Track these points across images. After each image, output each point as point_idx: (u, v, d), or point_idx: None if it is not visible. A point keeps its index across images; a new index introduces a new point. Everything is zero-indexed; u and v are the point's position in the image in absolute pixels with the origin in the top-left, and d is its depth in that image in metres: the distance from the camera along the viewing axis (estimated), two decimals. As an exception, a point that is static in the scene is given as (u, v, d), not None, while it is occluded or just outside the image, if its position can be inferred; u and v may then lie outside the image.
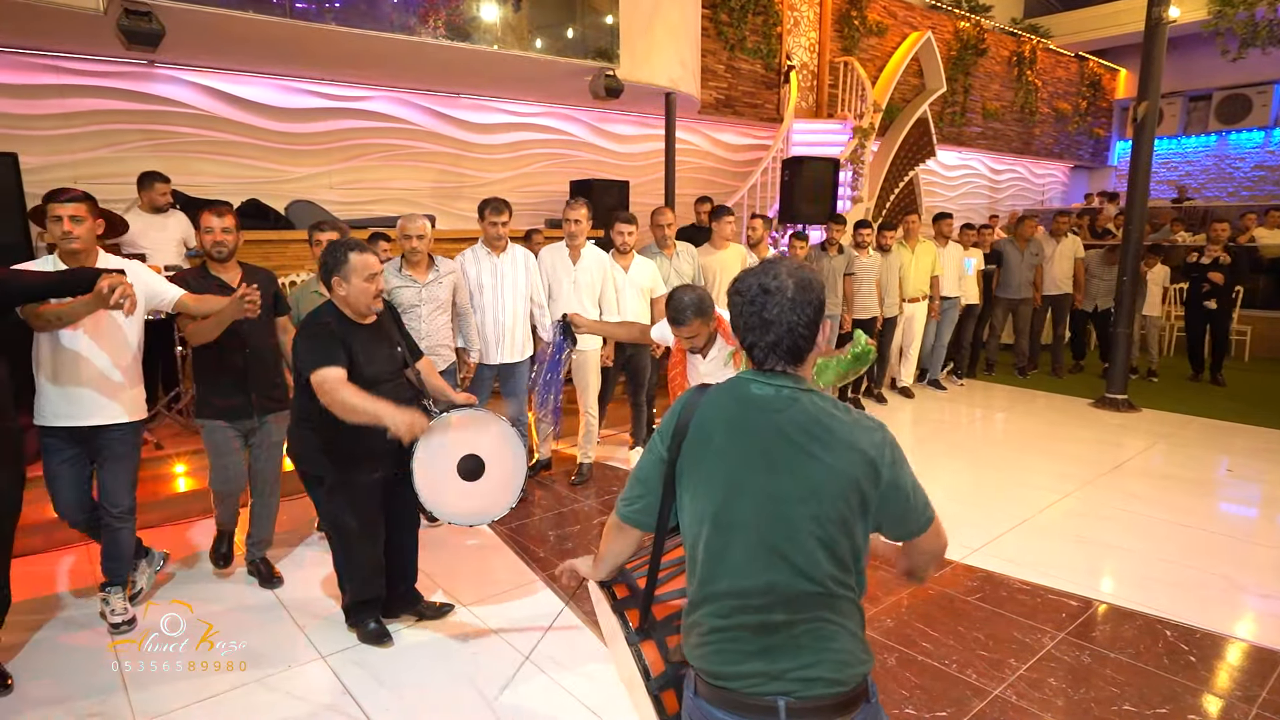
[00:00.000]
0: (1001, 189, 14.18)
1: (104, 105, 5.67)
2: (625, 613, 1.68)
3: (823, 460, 1.30)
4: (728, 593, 1.35)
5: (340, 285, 2.62)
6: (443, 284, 3.92)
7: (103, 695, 2.62)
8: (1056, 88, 14.06)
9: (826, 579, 1.31)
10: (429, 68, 6.18)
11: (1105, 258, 7.52)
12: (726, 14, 8.83)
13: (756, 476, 1.33)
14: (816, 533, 1.30)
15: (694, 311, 2.73)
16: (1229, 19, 11.82)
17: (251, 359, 3.16)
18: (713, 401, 1.42)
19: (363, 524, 2.77)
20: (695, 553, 1.41)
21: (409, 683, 2.71)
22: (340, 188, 6.87)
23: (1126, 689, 2.61)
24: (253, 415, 3.21)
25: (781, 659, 1.32)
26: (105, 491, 2.95)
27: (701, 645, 1.39)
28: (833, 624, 1.33)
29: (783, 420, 1.33)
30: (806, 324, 1.36)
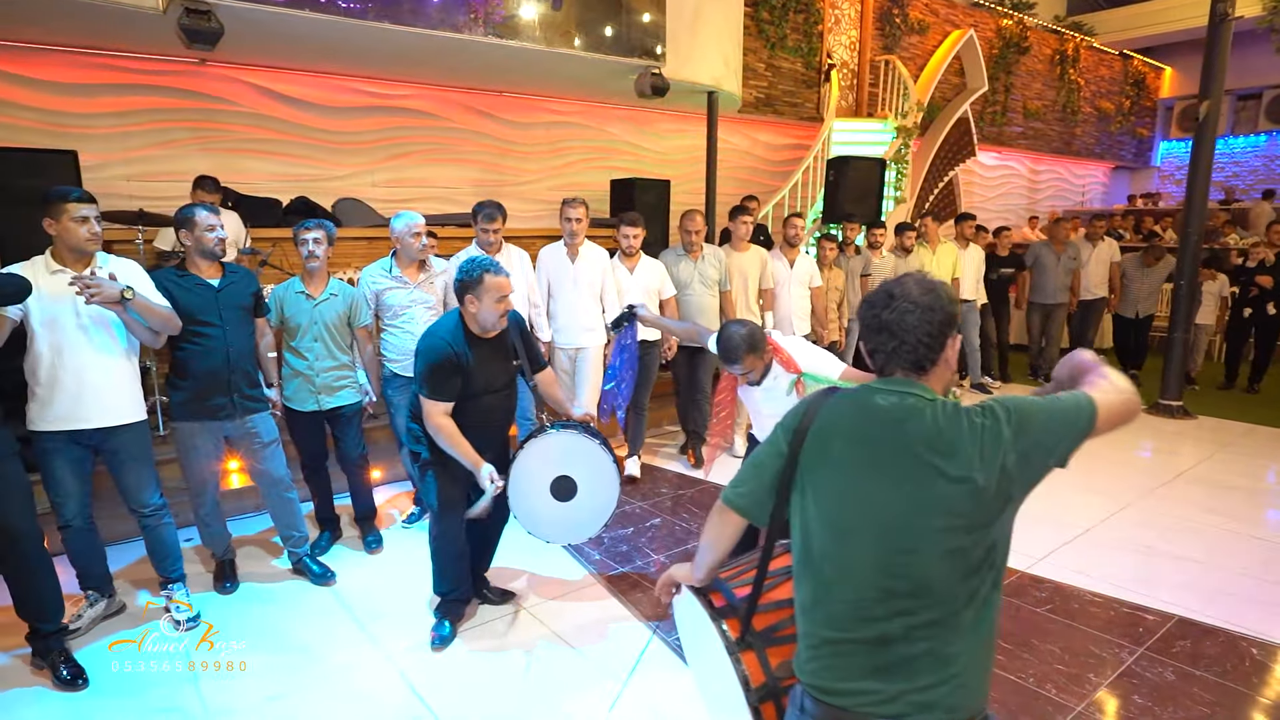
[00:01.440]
0: (1041, 189, 13.92)
1: (157, 103, 5.73)
2: (724, 621, 1.64)
3: (948, 472, 1.25)
4: (843, 601, 1.31)
5: (472, 303, 2.68)
6: (434, 284, 3.81)
7: (172, 691, 2.64)
8: (1099, 86, 13.78)
9: (955, 590, 1.25)
10: (475, 66, 6.17)
11: (1142, 260, 7.31)
12: (768, 12, 8.75)
13: (878, 486, 1.29)
14: (945, 544, 1.25)
15: (746, 348, 2.59)
16: (1281, 15, 11.50)
17: (234, 359, 3.08)
18: (836, 408, 1.39)
19: (444, 504, 2.81)
20: (808, 556, 1.38)
21: (473, 681, 2.69)
22: (383, 185, 6.90)
23: (1217, 710, 2.52)
24: (235, 416, 3.12)
25: (897, 679, 1.27)
26: (130, 494, 2.91)
27: (813, 658, 1.35)
28: (955, 646, 1.26)
29: (908, 429, 1.29)
30: (929, 334, 1.32)
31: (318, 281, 3.49)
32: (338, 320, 3.51)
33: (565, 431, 2.86)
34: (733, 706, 1.65)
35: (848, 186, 7.11)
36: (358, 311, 3.59)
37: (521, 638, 2.98)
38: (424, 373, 2.67)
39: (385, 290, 3.68)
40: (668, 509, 4.30)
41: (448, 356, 2.65)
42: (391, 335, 3.76)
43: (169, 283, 2.96)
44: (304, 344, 3.46)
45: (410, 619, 3.10)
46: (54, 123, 5.35)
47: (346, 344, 3.57)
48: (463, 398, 2.69)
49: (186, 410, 3.08)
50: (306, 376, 3.47)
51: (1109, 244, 7.44)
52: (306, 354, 3.46)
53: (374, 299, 3.70)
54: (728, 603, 1.70)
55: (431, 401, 2.66)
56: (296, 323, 3.46)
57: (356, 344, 3.64)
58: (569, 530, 3.01)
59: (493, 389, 2.79)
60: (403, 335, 3.73)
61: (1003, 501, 1.25)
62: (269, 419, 3.28)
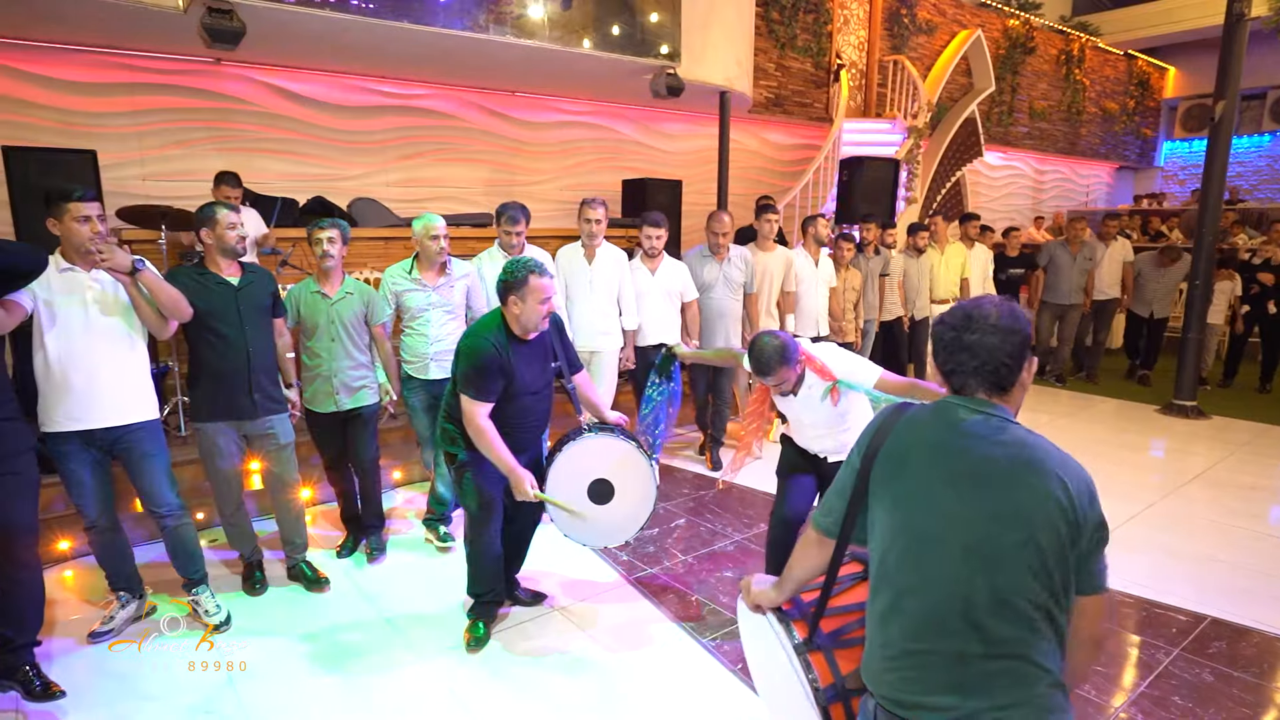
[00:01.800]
0: (1045, 190, 13.95)
1: (173, 103, 5.73)
2: (792, 624, 1.64)
3: (1034, 487, 1.26)
4: (922, 611, 1.30)
5: (515, 304, 2.67)
6: (454, 288, 3.72)
7: (208, 693, 2.63)
8: (1104, 87, 13.80)
9: (1035, 610, 1.25)
10: (490, 65, 6.17)
11: (1157, 260, 7.32)
12: (778, 12, 8.75)
13: (959, 497, 1.29)
14: (1027, 560, 1.24)
15: (779, 360, 2.55)
16: (1287, 15, 11.51)
17: (255, 358, 3.07)
18: (914, 422, 1.40)
19: (482, 505, 2.81)
20: (885, 566, 1.37)
21: (512, 684, 2.68)
22: (396, 185, 6.89)
23: (1258, 710, 2.52)
24: (256, 415, 3.11)
25: (975, 696, 1.26)
26: (147, 495, 2.87)
27: (889, 669, 1.34)
28: (1034, 666, 1.25)
29: (990, 445, 1.30)
30: (1010, 354, 1.33)
31: (333, 280, 3.47)
32: (354, 319, 3.48)
33: (603, 435, 2.85)
34: (800, 711, 1.65)
35: (862, 187, 7.11)
36: (374, 309, 3.55)
37: (556, 640, 2.98)
38: (467, 373, 2.66)
39: (404, 292, 3.66)
40: (691, 510, 4.29)
41: (492, 357, 2.64)
42: (407, 337, 3.73)
43: (189, 280, 2.94)
44: (321, 344, 3.43)
45: (443, 620, 3.09)
46: (70, 122, 5.35)
47: (364, 343, 3.55)
48: (502, 399, 2.68)
49: (208, 411, 3.07)
50: (324, 377, 3.45)
51: (1122, 244, 7.45)
52: (323, 354, 3.43)
53: (394, 299, 3.67)
54: (795, 606, 1.70)
55: (474, 403, 2.65)
56: (313, 322, 3.44)
57: (374, 343, 3.61)
58: (606, 533, 2.99)
59: (532, 390, 2.78)
60: (417, 338, 3.68)
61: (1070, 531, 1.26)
62: (287, 421, 3.27)
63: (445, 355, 3.63)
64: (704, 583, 3.45)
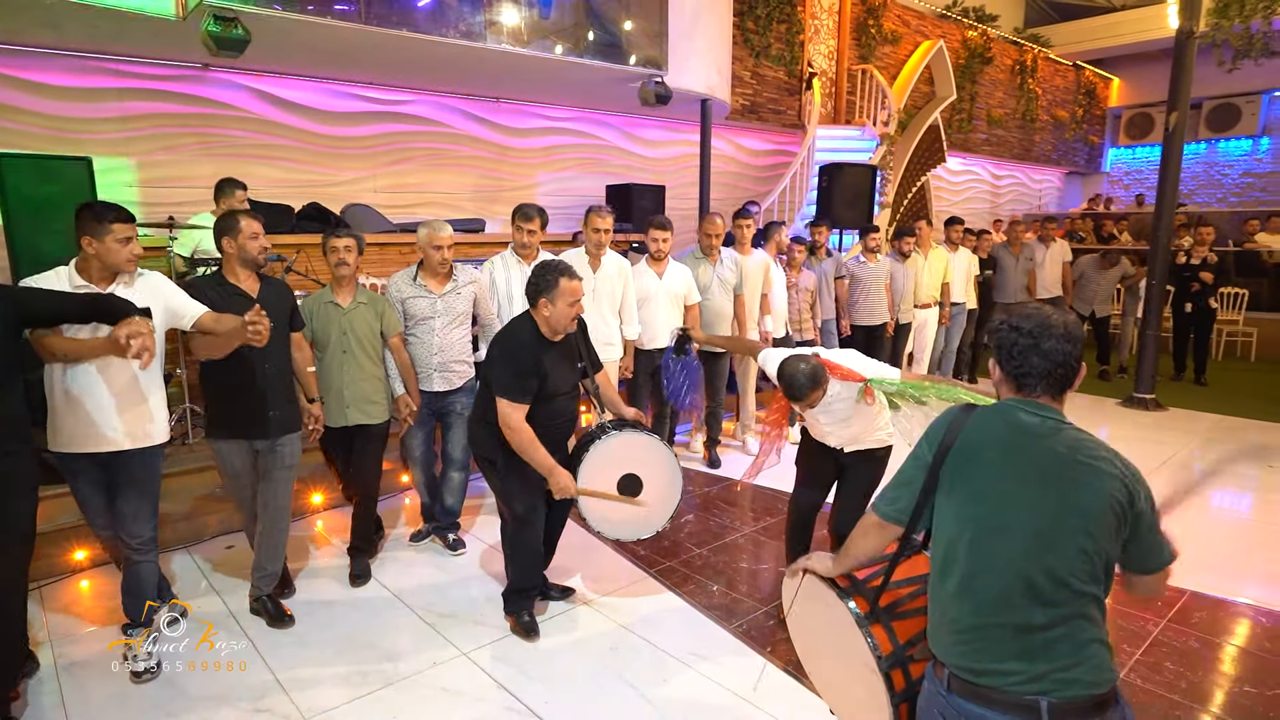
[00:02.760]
0: (1002, 194, 14.51)
1: (161, 108, 5.67)
2: (851, 599, 1.79)
3: (1089, 481, 1.43)
4: (990, 591, 1.46)
5: (546, 306, 2.75)
6: (461, 295, 3.65)
7: (261, 693, 2.68)
8: (1055, 96, 14.42)
9: (1085, 586, 1.42)
10: (480, 72, 6.24)
11: (1099, 263, 7.72)
12: (753, 22, 8.98)
13: (1027, 491, 1.45)
14: (1082, 544, 1.42)
15: (811, 385, 2.64)
16: (1225, 31, 12.22)
17: (272, 375, 2.99)
18: (982, 423, 1.54)
19: (526, 508, 2.90)
20: (954, 552, 1.52)
21: (556, 675, 2.79)
22: (384, 191, 6.90)
23: (1242, 672, 2.77)
24: (269, 434, 3.00)
25: (1040, 660, 1.42)
26: (123, 521, 2.72)
27: (959, 643, 1.50)
28: (1087, 630, 1.43)
29: (1053, 444, 1.47)
30: (1077, 360, 1.52)
31: (347, 290, 3.42)
32: (368, 330, 3.42)
33: (626, 431, 2.94)
34: (854, 680, 1.81)
35: (840, 192, 7.36)
36: (389, 320, 3.50)
37: (591, 630, 3.09)
38: (502, 376, 2.73)
39: (409, 299, 3.59)
40: (698, 506, 4.44)
41: (528, 359, 2.73)
42: (410, 346, 3.63)
43: (210, 291, 2.88)
44: (333, 356, 3.38)
45: (479, 618, 3.18)
46: (59, 128, 5.26)
47: (378, 355, 3.48)
48: (536, 400, 2.77)
49: (223, 429, 2.99)
50: (335, 390, 3.39)
51: (1061, 245, 7.78)
52: (334, 366, 3.38)
53: (399, 307, 3.61)
54: (851, 583, 1.85)
55: (510, 404, 2.72)
56: (326, 334, 3.38)
57: (392, 354, 3.54)
58: (638, 526, 3.09)
59: (562, 391, 2.87)
60: (420, 346, 3.62)
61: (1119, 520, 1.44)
62: (297, 441, 3.15)
63: (451, 365, 3.64)
64: (722, 573, 3.60)
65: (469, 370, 3.75)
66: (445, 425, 3.78)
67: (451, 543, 3.85)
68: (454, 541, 3.85)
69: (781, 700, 2.64)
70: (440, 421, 3.80)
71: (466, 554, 3.81)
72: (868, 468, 2.99)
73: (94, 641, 3.01)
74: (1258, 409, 6.59)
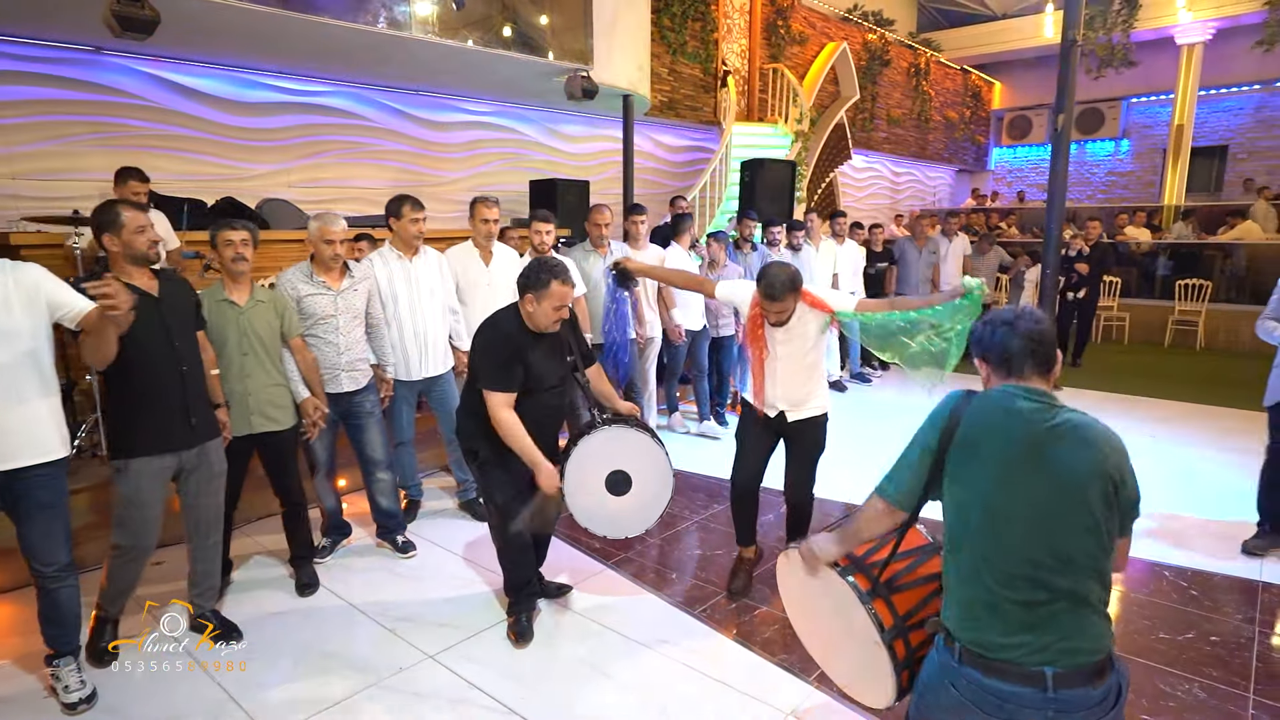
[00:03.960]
0: (901, 190, 15.30)
1: (46, 94, 5.20)
2: (852, 576, 1.89)
3: (1087, 460, 1.54)
4: (997, 572, 1.57)
5: (531, 303, 2.72)
6: (358, 291, 3.49)
7: (215, 713, 2.54)
8: (946, 98, 15.31)
9: (1089, 560, 1.54)
10: (402, 63, 6.06)
11: (978, 247, 8.25)
12: (669, 19, 9.09)
13: (1027, 475, 1.55)
14: (1084, 521, 1.53)
15: (789, 287, 2.79)
16: (1091, 41, 13.33)
17: (190, 378, 2.74)
18: (982, 411, 1.64)
19: (507, 500, 2.87)
20: (963, 535, 1.62)
21: (529, 671, 2.78)
22: (299, 185, 6.59)
23: (1156, 621, 3.07)
24: (194, 444, 2.77)
25: (1046, 633, 1.54)
26: (32, 548, 2.46)
27: (969, 617, 1.61)
28: (1087, 604, 1.55)
29: (1048, 428, 1.57)
30: (1053, 339, 1.67)
31: (243, 287, 3.13)
32: (269, 330, 3.17)
33: (617, 426, 2.91)
34: (856, 651, 1.91)
35: (762, 187, 7.57)
36: (290, 320, 3.25)
37: (557, 624, 3.09)
38: (484, 365, 2.72)
39: (307, 297, 3.34)
40: (645, 497, 4.49)
41: (508, 347, 2.71)
42: (312, 347, 3.38)
43: None
44: (232, 359, 3.09)
45: (440, 619, 3.13)
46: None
47: (280, 357, 3.24)
48: (521, 393, 2.75)
49: (138, 445, 2.67)
50: (238, 396, 3.11)
51: (962, 239, 8.31)
52: (235, 370, 3.10)
53: (295, 305, 3.34)
54: (851, 561, 1.94)
55: (494, 394, 2.70)
56: (223, 335, 3.08)
57: (294, 354, 3.29)
58: (625, 524, 3.02)
59: (549, 384, 2.86)
60: (325, 346, 3.39)
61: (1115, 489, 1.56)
62: (220, 446, 2.94)
63: (358, 364, 3.49)
64: (678, 562, 3.67)
65: (369, 370, 3.60)
66: (357, 427, 3.58)
67: (400, 545, 3.74)
68: (403, 544, 3.74)
69: (752, 679, 2.73)
70: (347, 424, 3.60)
71: (417, 555, 3.72)
72: (812, 435, 3.13)
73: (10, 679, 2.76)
74: (1135, 386, 7.25)
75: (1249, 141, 14.41)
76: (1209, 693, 2.61)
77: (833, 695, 2.57)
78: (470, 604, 3.27)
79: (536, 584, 3.11)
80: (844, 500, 4.15)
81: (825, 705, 2.56)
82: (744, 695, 2.63)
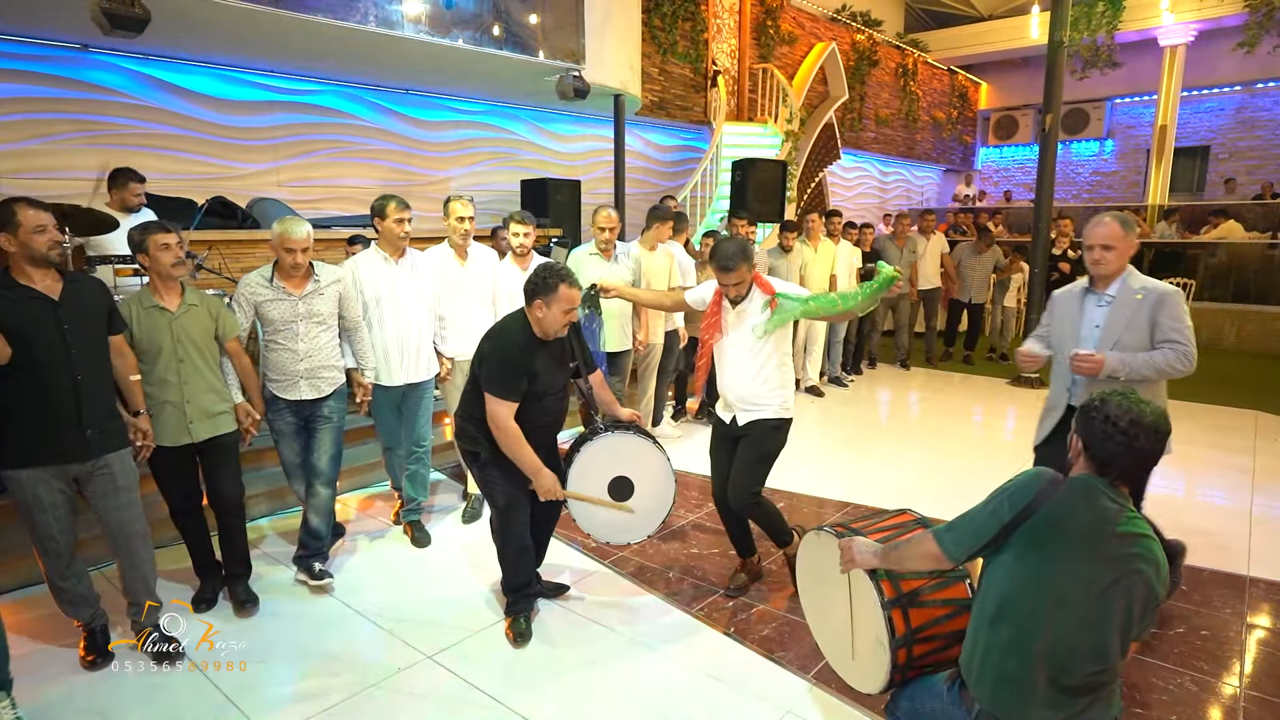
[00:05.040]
0: (889, 190, 15.39)
1: (32, 91, 5.14)
2: (880, 583, 1.91)
3: (1142, 572, 1.61)
4: (1038, 653, 1.63)
5: (540, 308, 2.71)
6: (324, 295, 3.31)
7: (215, 712, 2.52)
8: (933, 98, 15.42)
9: (1116, 653, 1.63)
10: (393, 62, 6.03)
11: (975, 246, 8.26)
12: (659, 19, 9.11)
13: (1093, 572, 1.61)
14: (1122, 625, 1.61)
15: (740, 257, 2.84)
16: (1075, 43, 13.47)
17: (84, 388, 2.55)
18: (1069, 501, 1.66)
19: (507, 501, 2.88)
20: (1011, 609, 1.67)
21: (529, 670, 2.78)
22: (289, 184, 6.55)
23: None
24: (89, 456, 2.58)
25: (1065, 709, 1.64)
26: None
27: (998, 687, 1.68)
28: (1109, 686, 1.66)
29: (1121, 532, 1.63)
30: (1156, 460, 1.68)
31: (174, 291, 2.97)
32: (204, 334, 3.01)
33: (619, 433, 2.91)
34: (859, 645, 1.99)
35: (753, 187, 7.60)
36: (225, 323, 3.09)
37: (555, 624, 3.09)
38: (493, 373, 2.72)
39: (266, 302, 3.20)
40: (640, 496, 4.50)
41: (520, 358, 2.71)
42: (270, 352, 3.28)
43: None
44: (168, 366, 2.93)
45: (436, 619, 3.12)
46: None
47: (217, 361, 3.09)
48: (525, 399, 2.76)
49: (23, 454, 2.51)
50: (175, 405, 2.95)
51: (939, 237, 8.33)
52: (172, 378, 2.93)
53: (251, 311, 3.24)
54: None
55: (500, 401, 2.70)
56: (154, 343, 2.90)
57: (230, 358, 3.16)
58: (626, 530, 3.04)
59: (551, 391, 2.87)
60: (284, 353, 3.26)
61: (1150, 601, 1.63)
62: (128, 458, 2.75)
63: (320, 371, 3.32)
64: (674, 560, 3.68)
65: (339, 376, 3.42)
66: (311, 432, 3.40)
67: (317, 573, 3.36)
68: (319, 572, 3.37)
69: (750, 676, 2.74)
70: (307, 428, 3.42)
71: (420, 553, 3.72)
72: (757, 434, 3.04)
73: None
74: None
75: (1230, 142, 14.61)
76: (1200, 686, 2.65)
77: (831, 692, 2.60)
78: (469, 604, 3.26)
79: (535, 584, 3.11)
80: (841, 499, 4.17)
81: (824, 702, 2.58)
82: (742, 693, 2.64)
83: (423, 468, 3.91)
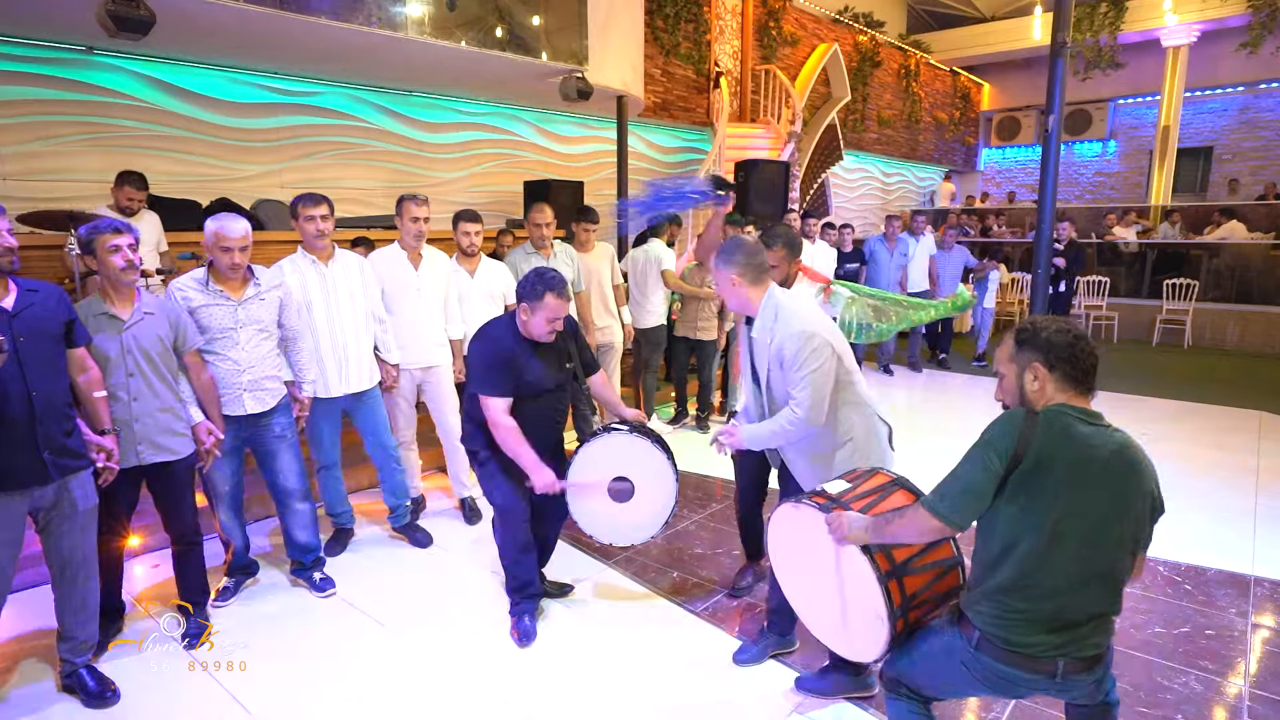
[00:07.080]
0: (891, 191, 15.39)
1: (37, 94, 5.17)
2: (875, 556, 1.92)
3: (1137, 486, 1.65)
4: (1040, 587, 1.65)
5: (525, 312, 2.73)
6: (265, 301, 3.06)
7: (215, 712, 2.53)
8: (936, 99, 15.42)
9: (1120, 575, 1.67)
10: (396, 64, 6.05)
11: (943, 244, 8.17)
12: (662, 20, 9.12)
13: (1087, 499, 1.63)
14: (1127, 544, 1.65)
15: (784, 242, 2.95)
16: (1079, 44, 13.47)
17: (41, 406, 2.32)
18: (1050, 437, 1.65)
19: (506, 501, 2.89)
20: (1013, 550, 1.67)
21: (537, 671, 2.78)
22: (292, 186, 6.56)
23: (1151, 615, 3.11)
24: (49, 480, 2.36)
25: (1067, 635, 1.67)
26: None
27: (1002, 618, 1.69)
28: (1109, 613, 1.69)
29: (1106, 452, 1.64)
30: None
31: (127, 298, 2.70)
32: (160, 346, 2.75)
33: (622, 433, 2.90)
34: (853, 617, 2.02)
35: (757, 188, 7.60)
36: (185, 333, 2.83)
37: (562, 625, 3.10)
38: (478, 371, 2.74)
39: (201, 307, 2.92)
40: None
41: (500, 351, 2.73)
42: (208, 363, 2.97)
43: None
44: (115, 380, 2.67)
45: (439, 620, 3.13)
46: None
47: (172, 376, 2.81)
48: (519, 398, 2.77)
49: None
50: (123, 423, 2.69)
51: (929, 237, 8.23)
52: (120, 393, 2.68)
53: (185, 317, 2.92)
54: None
55: (491, 399, 2.72)
56: (103, 354, 2.64)
57: (187, 373, 2.89)
58: (627, 531, 3.01)
59: (546, 389, 2.86)
60: (223, 363, 2.98)
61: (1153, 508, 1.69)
62: (89, 481, 2.52)
63: (263, 382, 3.07)
64: (679, 561, 3.68)
65: (282, 388, 3.19)
66: (267, 454, 3.19)
67: (318, 583, 3.32)
68: (320, 582, 3.32)
69: (755, 675, 2.75)
70: (256, 450, 3.20)
71: (422, 553, 3.73)
72: None
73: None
74: (1124, 384, 7.33)
75: (1233, 142, 14.59)
76: (1205, 685, 2.65)
77: (836, 691, 2.60)
78: (472, 604, 3.27)
79: (539, 584, 3.11)
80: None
81: (828, 702, 2.58)
82: (747, 691, 2.64)
83: (397, 472, 3.76)
